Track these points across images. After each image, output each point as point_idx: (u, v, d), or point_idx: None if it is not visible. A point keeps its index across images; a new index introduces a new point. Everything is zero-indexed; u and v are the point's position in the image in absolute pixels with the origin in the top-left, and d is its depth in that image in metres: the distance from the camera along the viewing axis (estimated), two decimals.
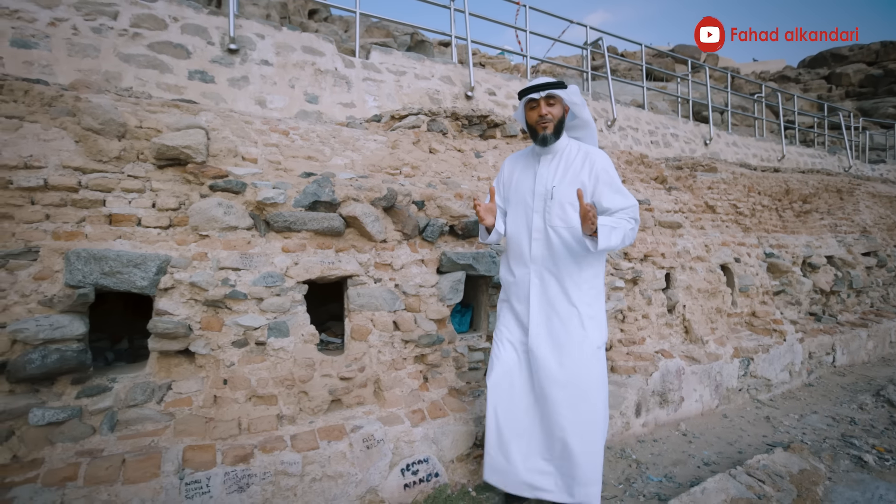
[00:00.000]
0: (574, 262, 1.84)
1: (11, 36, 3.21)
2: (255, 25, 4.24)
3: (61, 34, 3.38)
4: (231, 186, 2.02)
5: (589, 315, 1.85)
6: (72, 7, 3.44)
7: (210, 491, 1.58)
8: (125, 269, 1.75)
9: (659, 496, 2.02)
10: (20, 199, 1.79)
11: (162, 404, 1.79)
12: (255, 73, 4.09)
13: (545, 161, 1.93)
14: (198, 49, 3.88)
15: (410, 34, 8.16)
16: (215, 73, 3.92)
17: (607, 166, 1.87)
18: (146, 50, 3.67)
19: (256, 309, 1.89)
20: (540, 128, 1.87)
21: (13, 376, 1.62)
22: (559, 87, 1.84)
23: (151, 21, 3.73)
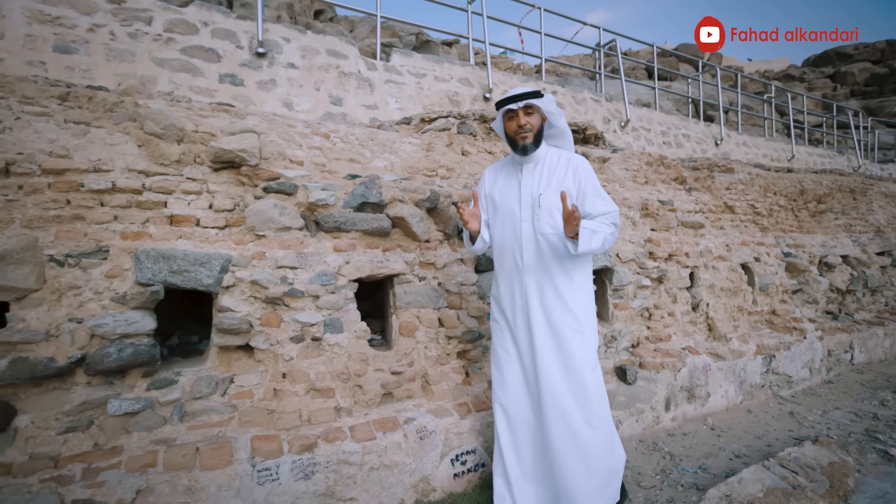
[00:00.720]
0: (565, 267, 1.86)
1: (54, 42, 3.30)
2: (280, 29, 4.32)
3: (99, 39, 3.47)
4: (284, 188, 2.11)
5: (586, 319, 1.87)
6: (109, 13, 3.53)
7: (279, 478, 1.66)
8: (192, 267, 1.83)
9: (696, 486, 2.10)
10: (91, 200, 1.88)
11: (226, 396, 1.88)
12: (282, 75, 4.18)
13: (528, 169, 1.94)
14: (227, 53, 3.97)
15: (416, 34, 8.22)
16: (244, 76, 4.00)
17: (589, 172, 1.90)
18: (179, 54, 3.75)
19: (313, 306, 1.97)
20: (519, 138, 1.87)
21: (91, 369, 1.71)
22: (536, 97, 1.86)
23: (184, 26, 3.82)
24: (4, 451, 1.58)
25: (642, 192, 3.53)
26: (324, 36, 4.50)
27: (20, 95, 2.01)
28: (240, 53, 4.03)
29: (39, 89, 2.05)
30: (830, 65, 22.27)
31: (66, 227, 1.83)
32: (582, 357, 1.81)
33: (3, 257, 1.68)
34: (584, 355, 1.82)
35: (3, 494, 1.43)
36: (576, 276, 1.88)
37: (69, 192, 1.86)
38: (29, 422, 1.63)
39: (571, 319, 1.83)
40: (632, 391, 2.61)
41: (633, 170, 3.75)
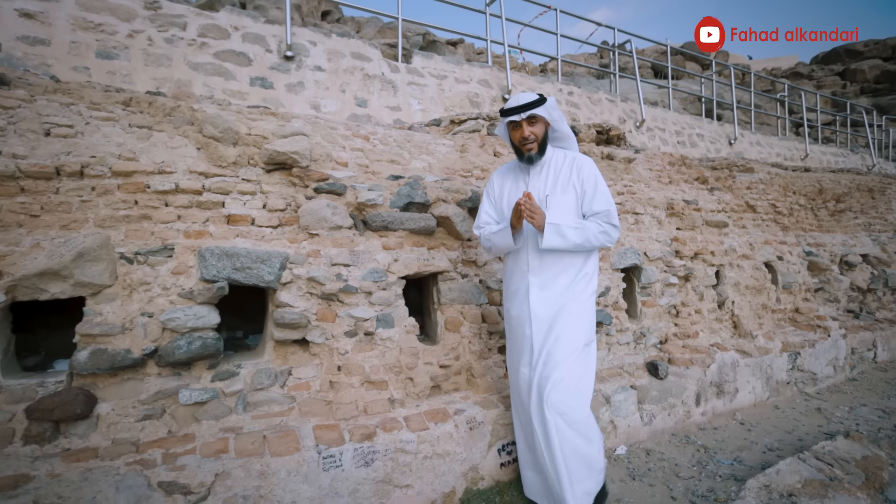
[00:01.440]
0: (572, 267, 1.90)
1: (96, 48, 3.42)
2: (307, 33, 4.42)
3: (138, 45, 3.58)
4: (334, 189, 2.20)
5: (580, 312, 1.88)
6: (147, 19, 3.64)
7: (342, 465, 1.75)
8: (254, 264, 1.93)
9: (734, 477, 2.17)
10: (156, 201, 1.98)
11: (285, 388, 1.97)
12: (309, 78, 4.27)
13: (534, 172, 1.97)
14: (257, 57, 4.07)
15: (422, 34, 8.30)
16: (274, 79, 4.10)
17: (591, 171, 1.93)
18: (212, 58, 3.86)
19: (366, 302, 2.06)
20: (525, 149, 1.91)
21: (163, 360, 1.81)
22: (539, 105, 1.86)
23: (216, 31, 3.92)
24: (89, 436, 1.68)
25: (667, 192, 3.59)
26: (348, 39, 4.60)
27: (88, 101, 2.11)
28: (269, 57, 4.13)
29: (105, 95, 2.15)
30: (840, 62, 22.11)
31: (135, 226, 1.93)
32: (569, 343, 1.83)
33: (81, 254, 1.78)
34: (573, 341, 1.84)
35: (94, 475, 1.52)
36: (581, 272, 1.91)
37: (136, 192, 1.96)
38: (110, 409, 1.72)
39: (572, 314, 1.86)
40: (663, 386, 2.68)
41: (656, 170, 3.81)
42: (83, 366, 1.72)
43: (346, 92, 4.40)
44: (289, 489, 1.66)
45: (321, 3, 9.23)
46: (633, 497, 2.02)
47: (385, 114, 4.51)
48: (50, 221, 1.84)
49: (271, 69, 4.10)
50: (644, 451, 2.41)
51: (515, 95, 1.96)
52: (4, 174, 1.77)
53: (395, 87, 4.67)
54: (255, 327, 2.58)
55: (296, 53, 4.24)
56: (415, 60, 4.93)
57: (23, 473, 1.50)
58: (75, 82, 2.29)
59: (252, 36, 4.08)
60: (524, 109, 1.85)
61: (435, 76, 4.95)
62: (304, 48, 4.33)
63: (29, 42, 3.21)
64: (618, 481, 2.13)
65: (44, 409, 1.64)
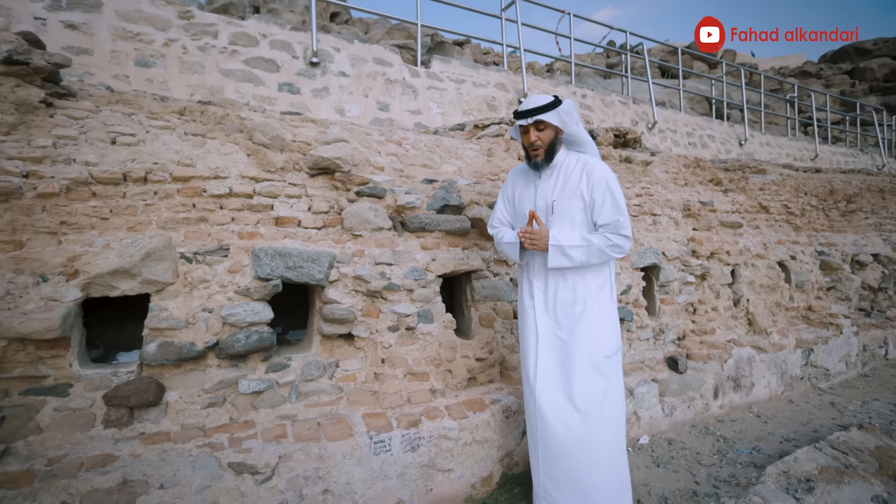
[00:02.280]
0: (578, 275, 1.87)
1: (135, 57, 3.57)
2: (331, 39, 4.56)
3: (174, 53, 3.73)
4: (375, 192, 2.33)
5: (592, 321, 1.85)
6: (181, 28, 3.79)
7: (391, 450, 1.89)
8: (305, 263, 2.06)
9: (754, 464, 2.29)
10: (212, 204, 2.12)
11: (333, 379, 2.10)
12: (334, 83, 4.41)
13: (545, 175, 1.94)
14: (285, 63, 4.21)
15: (430, 35, 8.42)
16: (300, 84, 4.25)
17: (604, 177, 1.84)
18: (242, 65, 4.01)
19: (407, 299, 2.19)
20: (532, 154, 1.89)
21: (223, 353, 1.95)
22: (548, 110, 1.81)
23: (245, 39, 4.07)
24: (160, 421, 1.83)
25: (683, 194, 3.70)
26: (370, 45, 4.74)
27: (147, 111, 2.25)
28: (296, 63, 4.27)
29: (162, 105, 2.29)
30: (848, 60, 21.99)
31: (193, 227, 2.07)
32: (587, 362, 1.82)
33: (149, 254, 1.92)
34: (591, 359, 1.83)
35: (170, 456, 1.67)
36: (590, 282, 1.87)
37: (194, 196, 2.10)
38: (177, 397, 1.87)
39: (580, 323, 1.84)
40: (683, 380, 2.80)
41: (672, 172, 3.93)
42: (152, 357, 1.86)
43: (368, 96, 4.54)
44: (344, 471, 1.80)
45: (329, 6, 9.38)
46: (658, 482, 2.14)
47: (406, 117, 4.65)
48: (118, 224, 1.98)
49: (298, 75, 4.24)
50: (666, 441, 2.53)
51: (531, 97, 1.92)
52: (79, 180, 1.92)
53: (416, 92, 4.81)
54: (292, 323, 2.72)
55: (321, 59, 4.38)
56: (433, 65, 5.06)
57: (108, 453, 1.65)
58: (129, 91, 2.44)
59: (279, 43, 4.22)
60: (531, 114, 1.82)
61: (453, 80, 5.08)
62: (329, 54, 4.47)
63: (73, 52, 3.37)
64: (643, 468, 2.26)
65: (120, 396, 1.79)
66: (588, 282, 1.88)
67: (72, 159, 1.96)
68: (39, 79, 2.03)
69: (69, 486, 1.50)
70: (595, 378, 1.83)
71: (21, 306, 1.76)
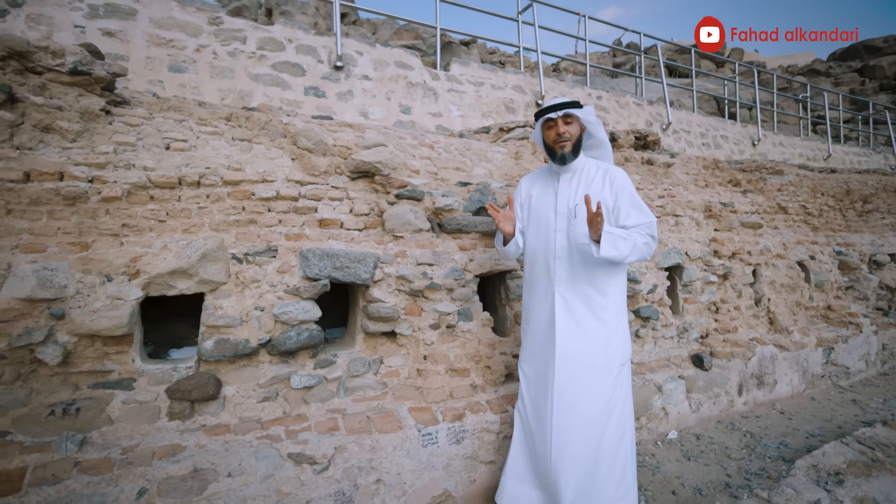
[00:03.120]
0: (598, 279, 1.85)
1: (168, 62, 3.67)
2: (353, 43, 4.65)
3: (205, 59, 3.83)
4: (414, 195, 2.42)
5: (614, 331, 1.86)
6: (211, 34, 3.89)
7: (438, 442, 1.97)
8: (352, 264, 2.15)
9: (782, 458, 2.36)
10: (261, 207, 2.21)
11: (378, 375, 2.19)
12: (357, 87, 4.50)
13: (565, 179, 1.93)
14: (310, 67, 4.31)
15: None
16: (326, 88, 4.34)
17: (626, 183, 1.88)
18: (270, 70, 4.10)
19: (448, 297, 2.28)
20: (558, 147, 1.87)
21: (274, 350, 2.04)
22: (576, 107, 1.86)
23: (272, 43, 4.16)
24: (219, 414, 1.92)
25: (704, 195, 3.77)
26: (391, 48, 4.82)
27: (196, 118, 2.35)
28: (320, 67, 4.36)
29: (210, 112, 2.39)
30: (858, 59, 21.85)
31: (243, 229, 2.17)
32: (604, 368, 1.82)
33: (205, 255, 2.01)
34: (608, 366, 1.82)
35: (233, 447, 1.76)
36: (610, 287, 1.87)
37: (243, 199, 2.19)
38: (234, 391, 1.96)
39: (599, 329, 1.84)
40: (709, 377, 2.87)
41: (692, 174, 3.99)
42: (210, 353, 1.95)
43: (391, 99, 4.62)
44: (394, 462, 1.89)
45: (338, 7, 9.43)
46: (690, 475, 2.22)
47: (427, 120, 4.73)
48: (174, 226, 2.08)
49: (323, 79, 4.33)
50: (694, 436, 2.61)
51: (550, 99, 1.99)
52: (138, 185, 2.02)
53: (436, 94, 4.89)
54: (325, 322, 2.81)
55: (344, 63, 4.47)
56: (453, 68, 5.14)
57: (177, 444, 1.74)
58: (173, 97, 2.53)
59: (305, 47, 4.32)
60: (561, 108, 1.85)
61: (472, 83, 5.16)
62: (352, 58, 4.56)
63: (111, 58, 3.47)
64: (674, 461, 2.34)
65: (183, 389, 1.89)
66: (610, 288, 1.87)
67: (131, 164, 2.05)
68: (99, 88, 2.13)
69: (146, 473, 1.59)
70: (609, 384, 1.84)
71: (89, 305, 1.85)
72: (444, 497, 1.99)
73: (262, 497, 1.66)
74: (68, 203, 1.92)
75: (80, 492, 1.50)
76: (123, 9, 3.57)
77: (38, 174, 1.88)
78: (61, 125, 1.99)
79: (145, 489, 1.56)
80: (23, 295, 1.73)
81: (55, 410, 1.75)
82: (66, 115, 2.01)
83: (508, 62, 13.15)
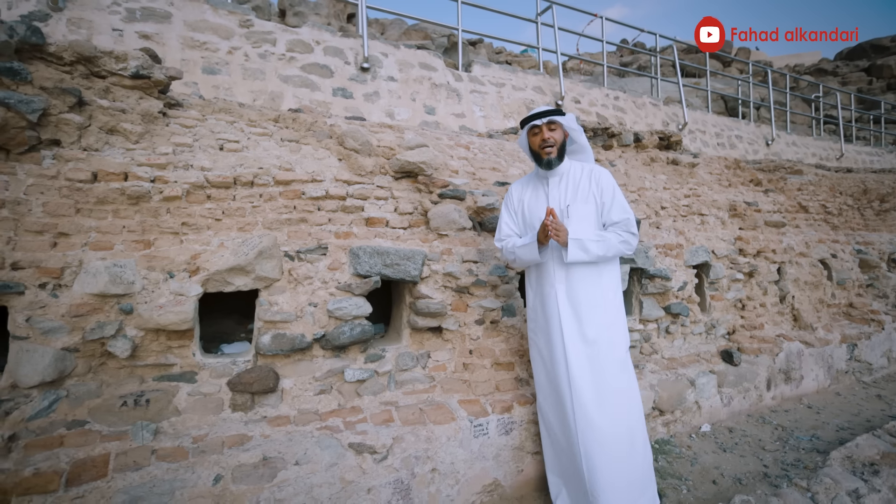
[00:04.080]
0: (596, 274, 1.96)
1: (202, 65, 3.75)
2: (378, 45, 4.72)
3: (237, 61, 3.90)
4: (456, 194, 2.48)
5: (612, 320, 1.96)
6: (243, 37, 3.96)
7: (488, 433, 2.04)
8: (402, 261, 2.22)
9: (816, 450, 2.42)
10: (311, 206, 2.28)
11: (426, 369, 2.26)
12: (383, 88, 4.57)
13: (554, 183, 2.05)
14: (338, 69, 4.38)
15: (447, 36, 8.54)
16: (353, 89, 4.41)
17: (610, 181, 2.03)
18: (299, 71, 4.18)
19: (492, 294, 2.35)
20: (544, 153, 2.00)
21: (328, 344, 2.11)
22: (559, 115, 2.00)
23: (301, 46, 4.24)
24: (279, 406, 1.99)
25: (728, 195, 3.82)
26: (415, 50, 4.89)
27: (246, 119, 2.42)
28: (348, 69, 4.43)
29: (259, 113, 2.46)
30: (865, 58, 21.79)
31: (294, 228, 2.24)
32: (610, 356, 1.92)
33: (261, 252, 2.09)
34: (613, 354, 1.93)
35: (295, 437, 1.83)
36: (605, 281, 1.98)
37: (294, 199, 2.26)
38: (292, 384, 2.04)
39: (601, 320, 1.93)
40: (738, 371, 2.93)
41: (716, 173, 4.04)
42: (267, 347, 2.03)
43: (415, 100, 4.69)
44: (448, 451, 1.96)
45: (346, 6, 9.54)
46: (728, 465, 2.28)
47: (451, 120, 4.79)
48: (230, 224, 2.15)
49: (350, 80, 4.40)
50: (727, 429, 2.67)
51: (534, 109, 2.09)
52: (196, 185, 2.09)
53: (460, 95, 4.96)
54: None
55: (370, 65, 4.54)
56: (475, 69, 5.21)
57: (243, 433, 1.82)
58: (223, 100, 2.61)
59: (332, 49, 4.39)
60: (545, 115, 1.99)
61: (494, 84, 5.22)
62: (378, 60, 4.63)
63: None
64: (710, 453, 2.40)
65: (244, 382, 1.96)
66: (605, 281, 1.99)
67: (189, 165, 2.12)
68: (157, 91, 2.21)
69: (219, 460, 1.67)
70: (619, 373, 1.94)
71: (154, 300, 1.93)
72: (494, 486, 2.06)
73: (328, 484, 1.74)
74: (132, 202, 1.99)
75: (161, 477, 1.58)
76: (159, 12, 3.64)
77: (105, 174, 1.96)
78: (125, 127, 2.06)
79: (220, 476, 1.63)
80: (96, 291, 1.81)
81: (127, 401, 1.83)
82: (129, 118, 2.08)
83: (515, 61, 13.18)
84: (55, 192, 1.90)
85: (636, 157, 3.70)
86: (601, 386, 1.90)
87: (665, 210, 3.33)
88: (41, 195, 1.88)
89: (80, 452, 1.62)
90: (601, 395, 1.89)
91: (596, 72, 10.67)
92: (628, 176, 3.45)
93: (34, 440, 1.64)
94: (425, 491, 1.90)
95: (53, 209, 1.88)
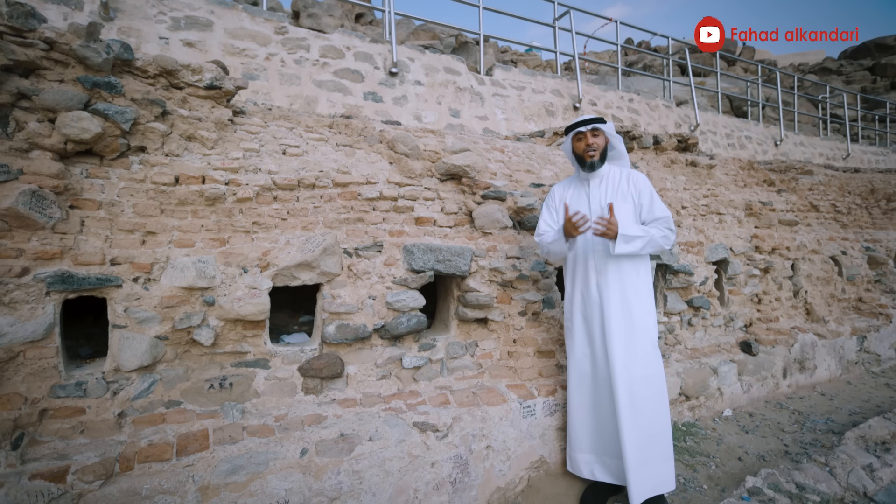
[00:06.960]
0: (633, 269, 2.14)
1: (242, 70, 3.93)
2: (405, 50, 4.89)
3: (274, 67, 4.08)
4: (498, 195, 2.67)
5: (648, 309, 2.13)
6: (279, 44, 4.14)
7: (535, 414, 2.23)
8: (453, 257, 2.41)
9: (832, 431, 2.62)
10: (366, 206, 2.47)
11: (474, 357, 2.45)
12: (411, 92, 4.75)
13: (594, 184, 2.23)
14: (368, 73, 4.55)
15: (455, 36, 8.68)
16: (382, 93, 4.58)
17: (647, 183, 2.20)
18: (332, 76, 4.35)
19: (534, 288, 2.53)
20: (588, 156, 2.18)
21: (387, 334, 2.30)
22: (601, 123, 2.18)
23: (333, 51, 4.41)
24: (345, 390, 2.19)
25: (743, 194, 4.00)
26: (440, 55, 5.06)
27: (304, 125, 2.61)
28: (377, 73, 4.61)
29: (315, 120, 2.64)
30: (869, 56, 21.86)
31: (352, 226, 2.42)
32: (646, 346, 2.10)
33: (325, 249, 2.27)
34: (646, 342, 2.11)
35: (364, 418, 2.02)
36: (641, 275, 2.17)
37: (351, 200, 2.45)
38: (356, 371, 2.23)
39: (638, 313, 2.12)
40: (757, 361, 3.12)
41: (731, 174, 4.22)
42: (333, 337, 2.21)
43: (441, 104, 4.87)
44: (500, 430, 2.15)
45: (354, 7, 9.68)
46: (751, 445, 2.47)
47: (475, 123, 4.97)
48: (294, 223, 2.34)
49: (380, 84, 4.58)
50: (747, 414, 2.86)
51: (579, 116, 2.29)
52: (265, 187, 2.27)
53: (482, 99, 5.13)
54: None
55: (399, 70, 4.71)
56: (496, 73, 5.38)
57: (318, 413, 2.01)
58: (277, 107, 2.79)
59: (362, 55, 4.56)
60: (591, 122, 2.17)
61: (515, 87, 5.40)
62: (405, 64, 4.80)
63: None
64: (734, 434, 2.59)
65: (314, 368, 2.15)
66: (641, 274, 2.17)
67: (258, 168, 2.31)
68: (226, 100, 2.39)
69: (303, 436, 1.86)
70: (652, 359, 2.12)
71: (232, 293, 2.11)
72: (541, 462, 2.25)
73: (398, 458, 1.93)
74: (209, 203, 2.18)
75: (255, 450, 1.77)
76: (201, 21, 3.82)
77: (186, 178, 2.14)
78: (202, 134, 2.25)
79: (306, 449, 1.82)
80: (185, 284, 1.99)
81: (213, 384, 2.02)
82: (204, 125, 2.27)
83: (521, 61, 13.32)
84: (143, 195, 2.09)
85: (657, 159, 3.88)
86: (635, 370, 2.09)
87: (685, 209, 3.51)
88: (131, 197, 2.07)
89: (182, 428, 1.81)
90: (634, 377, 2.08)
91: (602, 71, 10.83)
92: (651, 177, 3.63)
93: (140, 417, 1.83)
94: (481, 465, 2.10)
95: (142, 210, 2.06)
